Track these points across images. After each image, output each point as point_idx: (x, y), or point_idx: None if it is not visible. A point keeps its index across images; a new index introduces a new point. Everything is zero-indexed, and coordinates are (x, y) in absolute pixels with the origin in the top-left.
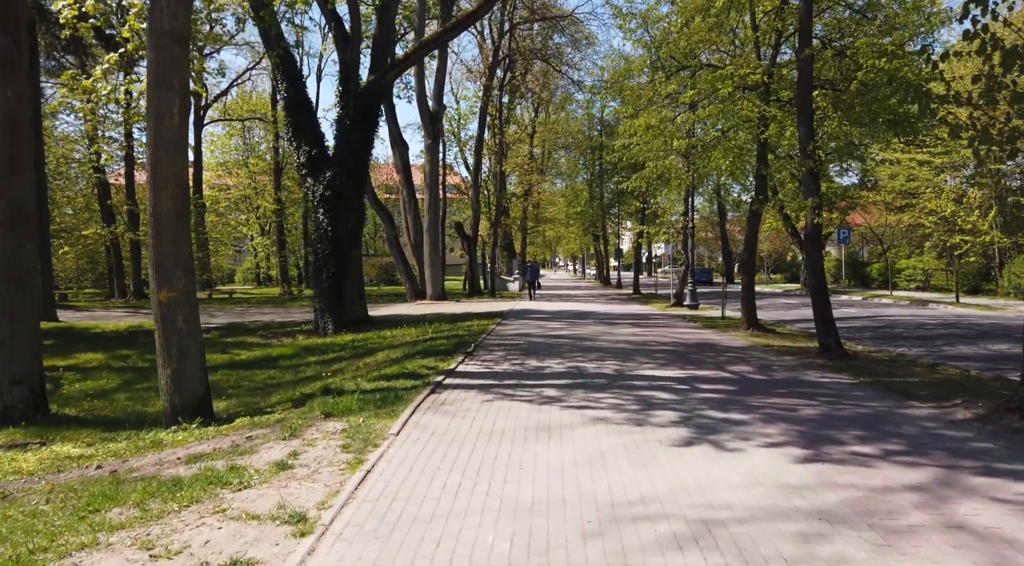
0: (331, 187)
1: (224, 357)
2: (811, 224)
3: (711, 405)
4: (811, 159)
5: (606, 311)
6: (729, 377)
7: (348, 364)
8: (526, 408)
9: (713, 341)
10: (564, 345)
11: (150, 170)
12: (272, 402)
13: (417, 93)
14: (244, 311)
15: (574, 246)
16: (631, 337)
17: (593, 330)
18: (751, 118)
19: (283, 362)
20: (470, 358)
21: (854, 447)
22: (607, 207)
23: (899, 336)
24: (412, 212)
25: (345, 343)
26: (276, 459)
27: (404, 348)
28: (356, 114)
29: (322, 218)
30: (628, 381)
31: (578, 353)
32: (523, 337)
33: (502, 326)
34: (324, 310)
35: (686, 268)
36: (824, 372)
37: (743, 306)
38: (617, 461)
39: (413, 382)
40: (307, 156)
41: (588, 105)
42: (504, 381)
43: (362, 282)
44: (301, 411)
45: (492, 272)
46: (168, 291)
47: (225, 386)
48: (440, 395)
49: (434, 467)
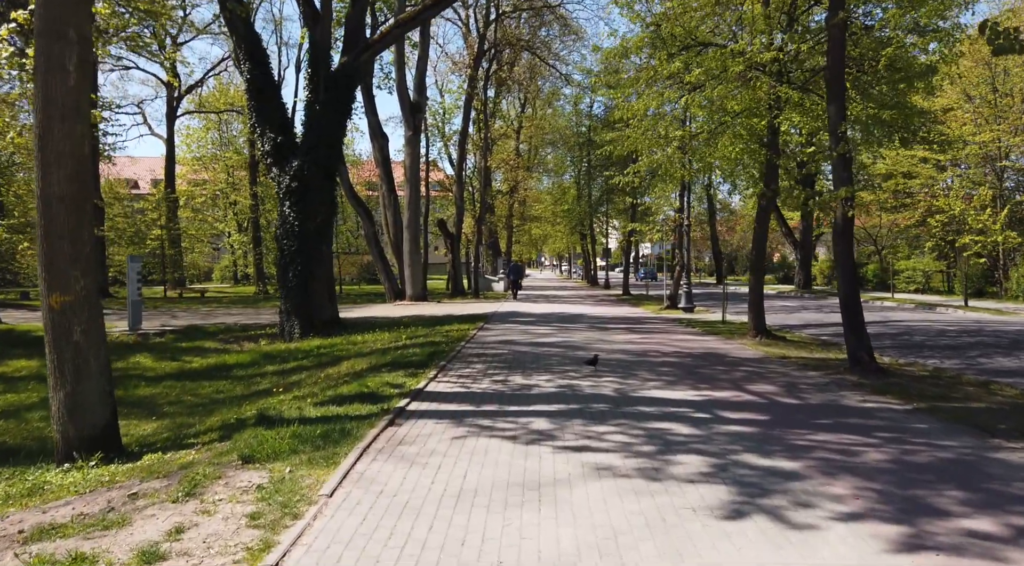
0: (298, 177)
1: (173, 365)
2: (842, 219)
3: (745, 444)
4: (844, 142)
5: (597, 314)
6: (754, 401)
7: (308, 375)
8: (508, 449)
9: (721, 351)
10: (554, 355)
11: (37, 144)
12: (204, 427)
13: (397, 83)
14: (211, 312)
15: (560, 245)
16: (628, 345)
17: (585, 337)
18: (764, 101)
19: (238, 371)
20: (444, 373)
21: (965, 521)
22: (595, 205)
23: (922, 345)
24: (392, 208)
25: (310, 350)
26: (150, 539)
27: (372, 357)
28: (327, 99)
29: (288, 211)
30: (634, 406)
31: (570, 367)
32: (507, 345)
33: (484, 331)
34: (290, 312)
35: (680, 269)
36: (864, 393)
37: (751, 311)
38: (639, 548)
39: (370, 408)
40: (272, 144)
41: (576, 100)
42: (482, 406)
43: (333, 282)
44: (218, 451)
45: (475, 271)
46: (61, 295)
47: (163, 402)
48: (400, 428)
49: (372, 560)
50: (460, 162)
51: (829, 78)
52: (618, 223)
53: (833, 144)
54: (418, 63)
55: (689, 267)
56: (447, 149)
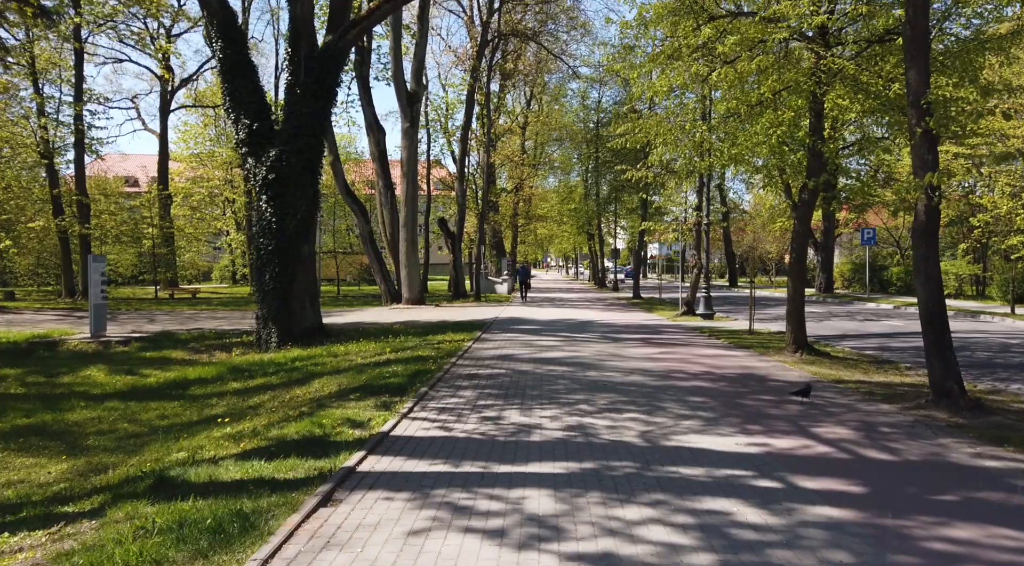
0: (276, 169)
1: (127, 380)
2: (926, 213)
3: (855, 552)
4: (928, 115)
5: (607, 321)
6: (832, 456)
7: (270, 397)
8: (491, 558)
9: (759, 371)
10: (560, 378)
11: None
12: (105, 481)
13: (394, 71)
14: (195, 314)
15: (567, 245)
16: (648, 363)
17: (596, 351)
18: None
19: (196, 389)
20: (424, 403)
21: None
22: (603, 203)
23: (991, 363)
24: (388, 205)
25: (283, 363)
26: None
27: (347, 376)
28: (309, 81)
29: (265, 207)
30: (670, 466)
31: (581, 395)
32: (506, 361)
33: (482, 342)
34: (267, 319)
35: (698, 272)
36: (971, 441)
37: (790, 321)
38: None
39: (310, 465)
40: (247, 131)
41: (584, 94)
42: (462, 465)
43: (316, 285)
44: (54, 555)
45: (477, 273)
46: None
47: (93, 431)
48: (335, 512)
49: None
50: (462, 157)
51: (910, 36)
52: (627, 223)
53: (915, 119)
54: (416, 50)
55: (708, 270)
56: (450, 145)
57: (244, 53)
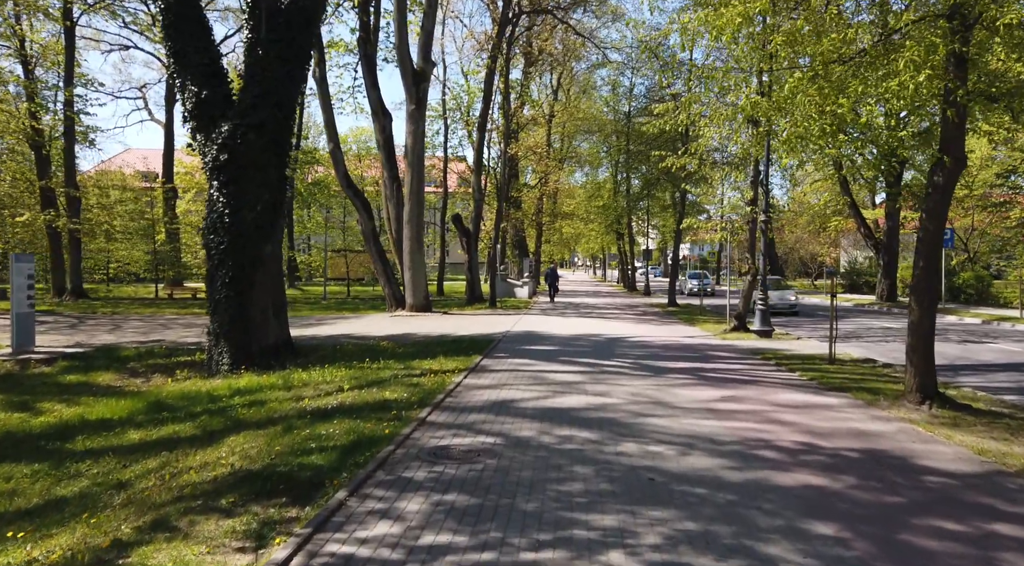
0: (229, 148)
1: (8, 421)
2: None
3: None
4: None
5: (642, 338)
6: None
7: (160, 463)
8: None
9: (889, 445)
10: (576, 462)
11: None
12: None
13: (398, 45)
14: (173, 320)
15: (594, 245)
16: (710, 423)
17: (631, 394)
18: None
19: (84, 440)
20: (325, 533)
21: None
22: (634, 200)
23: None
24: (394, 198)
25: (220, 396)
26: None
27: (269, 435)
28: (273, 39)
29: (216, 195)
30: None
31: (611, 515)
32: (498, 419)
33: (477, 375)
34: (219, 335)
35: (753, 278)
36: None
37: (914, 356)
38: None
39: None
40: (195, 100)
41: (615, 83)
42: None
43: (282, 292)
44: None
45: (492, 277)
46: None
47: None
48: None
49: None
50: (479, 147)
51: None
52: (658, 221)
53: None
54: (424, 22)
55: (765, 277)
56: (470, 137)
57: (193, 3)
